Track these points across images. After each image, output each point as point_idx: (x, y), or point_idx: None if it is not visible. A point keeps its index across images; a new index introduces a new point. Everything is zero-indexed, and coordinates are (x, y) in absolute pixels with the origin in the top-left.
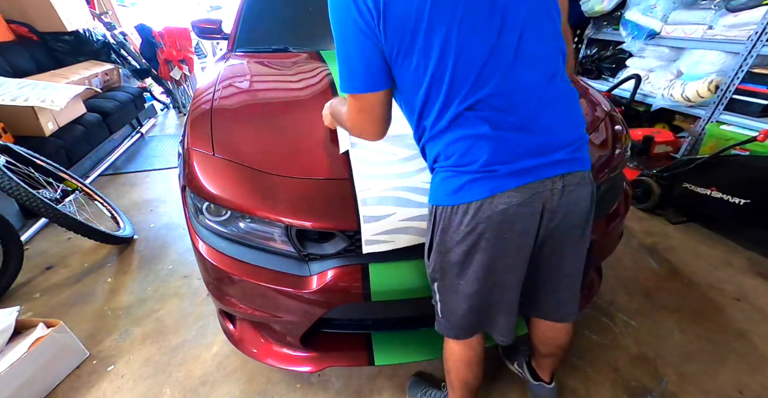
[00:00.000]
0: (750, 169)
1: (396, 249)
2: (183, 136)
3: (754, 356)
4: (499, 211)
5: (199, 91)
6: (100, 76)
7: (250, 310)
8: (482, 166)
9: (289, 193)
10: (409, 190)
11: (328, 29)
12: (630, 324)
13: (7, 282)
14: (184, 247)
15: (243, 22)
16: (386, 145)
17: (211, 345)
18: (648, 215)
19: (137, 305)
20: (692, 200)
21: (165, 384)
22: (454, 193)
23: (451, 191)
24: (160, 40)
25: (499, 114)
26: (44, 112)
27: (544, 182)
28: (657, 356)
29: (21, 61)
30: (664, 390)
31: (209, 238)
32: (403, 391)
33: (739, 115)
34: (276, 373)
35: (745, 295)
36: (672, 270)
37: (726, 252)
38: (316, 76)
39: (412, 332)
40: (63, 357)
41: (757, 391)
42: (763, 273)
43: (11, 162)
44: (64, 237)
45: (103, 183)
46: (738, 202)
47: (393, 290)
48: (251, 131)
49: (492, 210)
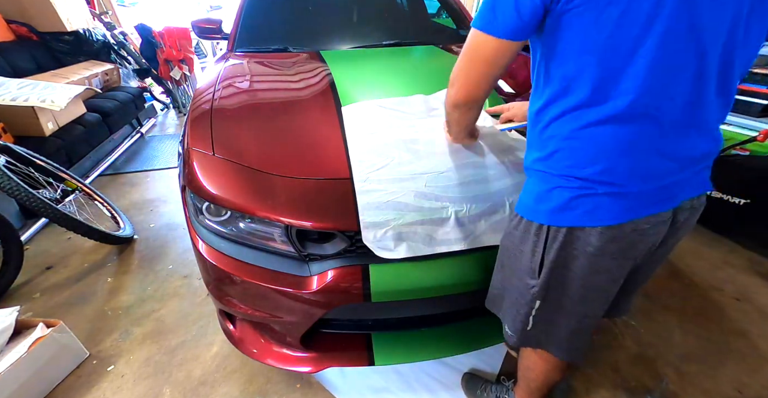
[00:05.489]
0: (750, 169)
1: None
2: (183, 136)
3: (754, 356)
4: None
5: (199, 91)
6: (100, 76)
7: (250, 310)
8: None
9: (289, 193)
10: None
11: (328, 29)
12: (630, 324)
13: (7, 282)
14: (184, 247)
15: (243, 22)
16: (387, 148)
17: (211, 345)
18: None
19: (137, 305)
20: None
21: (165, 384)
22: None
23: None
24: (160, 40)
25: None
26: (44, 112)
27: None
28: (657, 356)
29: (21, 61)
30: (664, 390)
31: (209, 238)
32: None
33: (739, 115)
34: (276, 373)
35: (745, 295)
36: (672, 270)
37: (726, 252)
38: (316, 76)
39: (412, 332)
40: (63, 357)
41: (756, 391)
42: (763, 273)
43: (11, 162)
44: (64, 237)
45: (103, 183)
46: (738, 202)
47: (394, 291)
48: (251, 131)
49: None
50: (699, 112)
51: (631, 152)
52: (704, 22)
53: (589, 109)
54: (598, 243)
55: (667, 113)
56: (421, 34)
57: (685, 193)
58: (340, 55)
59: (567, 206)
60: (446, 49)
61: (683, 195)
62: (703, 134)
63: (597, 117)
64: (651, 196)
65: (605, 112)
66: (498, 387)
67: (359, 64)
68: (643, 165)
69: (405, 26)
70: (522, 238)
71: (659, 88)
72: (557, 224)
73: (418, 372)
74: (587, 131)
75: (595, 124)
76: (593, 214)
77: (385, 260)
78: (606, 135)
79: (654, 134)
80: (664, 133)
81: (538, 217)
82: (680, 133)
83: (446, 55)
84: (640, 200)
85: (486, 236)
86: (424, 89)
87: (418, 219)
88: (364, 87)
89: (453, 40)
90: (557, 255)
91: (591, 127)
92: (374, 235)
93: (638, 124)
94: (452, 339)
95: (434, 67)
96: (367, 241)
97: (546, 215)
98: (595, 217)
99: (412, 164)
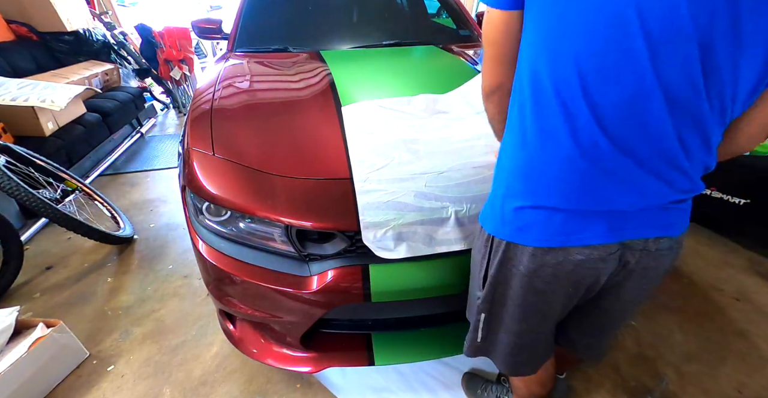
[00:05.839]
0: (750, 169)
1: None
2: (183, 136)
3: (754, 356)
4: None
5: (199, 91)
6: (100, 76)
7: (250, 310)
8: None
9: (289, 193)
10: (410, 194)
11: (328, 29)
12: (630, 324)
13: (7, 282)
14: (184, 247)
15: (243, 22)
16: (387, 148)
17: (211, 345)
18: None
19: (137, 305)
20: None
21: (165, 384)
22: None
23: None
24: (160, 40)
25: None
26: (44, 112)
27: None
28: (657, 356)
29: (21, 61)
30: (664, 390)
31: (209, 238)
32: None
33: None
34: (276, 373)
35: (745, 295)
36: (672, 270)
37: (726, 252)
38: (316, 76)
39: (412, 332)
40: (63, 357)
41: (756, 391)
42: (763, 273)
43: (11, 162)
44: (64, 237)
45: (103, 183)
46: (738, 202)
47: (394, 291)
48: (251, 131)
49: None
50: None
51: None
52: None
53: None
54: (529, 265)
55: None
56: (421, 34)
57: (635, 229)
58: (340, 55)
59: (507, 218)
60: (446, 49)
61: (632, 231)
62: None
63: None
64: (587, 220)
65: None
66: (498, 388)
67: (359, 64)
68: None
69: (405, 26)
70: (479, 246)
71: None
72: (499, 236)
73: (419, 372)
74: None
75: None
76: (526, 232)
77: (385, 260)
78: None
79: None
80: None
81: (487, 226)
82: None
83: (446, 55)
84: (573, 222)
85: None
86: (424, 89)
87: (418, 219)
88: (364, 87)
89: (453, 40)
90: (497, 269)
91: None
92: (374, 235)
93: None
94: (452, 339)
95: (434, 67)
96: (367, 241)
97: (492, 225)
98: (528, 235)
99: (412, 164)
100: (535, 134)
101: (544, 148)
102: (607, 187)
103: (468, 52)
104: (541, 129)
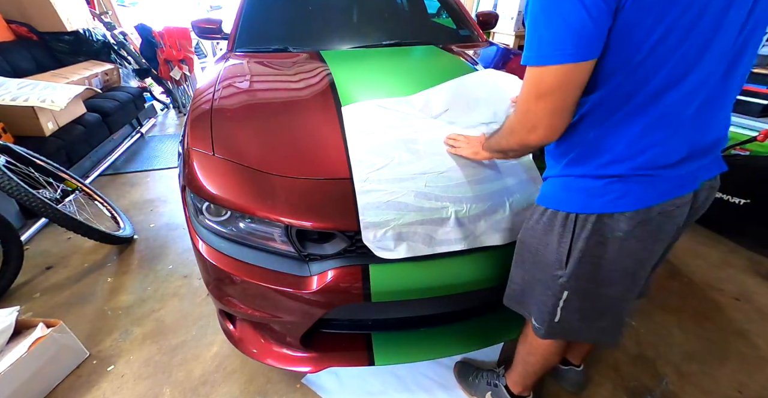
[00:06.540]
0: (750, 169)
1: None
2: (183, 136)
3: (754, 356)
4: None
5: (199, 91)
6: (100, 76)
7: (250, 310)
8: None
9: (289, 193)
10: (410, 195)
11: (328, 29)
12: (630, 324)
13: (7, 282)
14: (184, 247)
15: (243, 22)
16: (387, 148)
17: (211, 345)
18: None
19: (137, 305)
20: None
21: (165, 384)
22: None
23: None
24: (160, 40)
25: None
26: (44, 112)
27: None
28: (657, 356)
29: (21, 61)
30: (664, 390)
31: (209, 238)
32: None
33: (739, 115)
34: (276, 373)
35: (745, 295)
36: (672, 270)
37: (726, 252)
38: (316, 76)
39: (412, 332)
40: (63, 357)
41: (756, 391)
42: (763, 273)
43: (11, 162)
44: (64, 237)
45: (103, 183)
46: (738, 202)
47: (394, 291)
48: (251, 131)
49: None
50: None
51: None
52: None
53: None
54: (627, 228)
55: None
56: (421, 34)
57: (706, 175)
58: (340, 55)
59: (596, 193)
60: (446, 49)
61: (704, 177)
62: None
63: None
64: (678, 180)
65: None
66: (489, 374)
67: (359, 64)
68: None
69: (405, 26)
70: (545, 230)
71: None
72: (586, 212)
73: (416, 374)
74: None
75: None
76: (623, 200)
77: (385, 260)
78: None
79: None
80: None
81: (565, 206)
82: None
83: (446, 55)
84: (668, 184)
85: (486, 236)
86: (424, 89)
87: (418, 219)
88: (364, 87)
89: (453, 40)
90: (586, 243)
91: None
92: (374, 235)
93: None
94: (452, 339)
95: (434, 67)
96: (367, 241)
97: (574, 204)
98: (626, 203)
99: (412, 164)
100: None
101: (659, 119)
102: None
103: (468, 52)
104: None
